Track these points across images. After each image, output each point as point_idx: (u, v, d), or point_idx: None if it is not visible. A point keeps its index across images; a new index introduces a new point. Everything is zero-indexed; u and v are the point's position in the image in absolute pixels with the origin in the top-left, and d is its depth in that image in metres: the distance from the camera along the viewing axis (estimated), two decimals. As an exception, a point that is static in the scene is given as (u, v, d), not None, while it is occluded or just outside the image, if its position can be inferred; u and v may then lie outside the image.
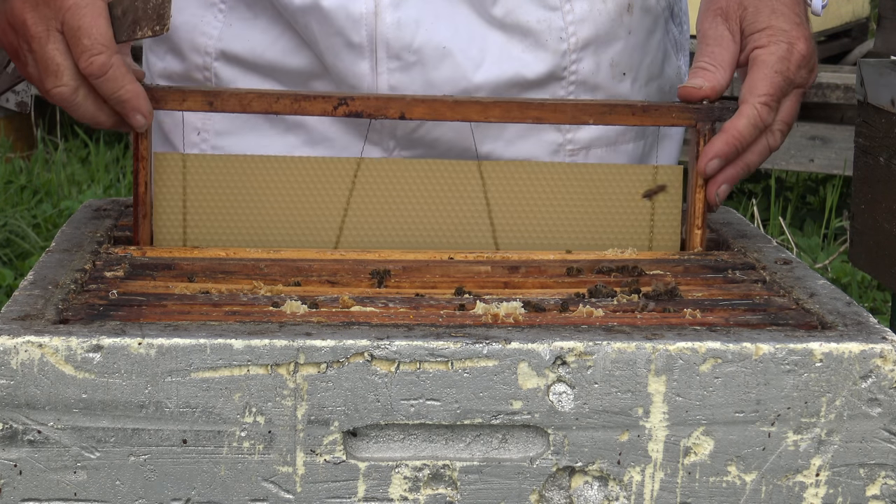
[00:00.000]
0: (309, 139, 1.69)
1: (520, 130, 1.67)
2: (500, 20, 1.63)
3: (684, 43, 1.82)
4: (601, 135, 1.69)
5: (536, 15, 1.64)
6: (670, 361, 1.17)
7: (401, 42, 1.61)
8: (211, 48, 1.70)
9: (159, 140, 1.76)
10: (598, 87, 1.68)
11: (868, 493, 1.21)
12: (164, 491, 1.18)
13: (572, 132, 1.68)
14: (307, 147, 1.68)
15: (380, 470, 1.18)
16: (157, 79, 1.75)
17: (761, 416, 1.19)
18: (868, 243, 2.05)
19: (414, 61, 1.62)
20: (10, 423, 1.16)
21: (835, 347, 1.18)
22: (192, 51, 1.71)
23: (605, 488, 1.19)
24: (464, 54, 1.62)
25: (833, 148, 4.51)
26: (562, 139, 1.68)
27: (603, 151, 1.71)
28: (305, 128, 1.69)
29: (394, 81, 1.62)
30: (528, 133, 1.67)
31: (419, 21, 1.61)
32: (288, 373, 1.16)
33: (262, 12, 1.67)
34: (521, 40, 1.64)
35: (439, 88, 1.62)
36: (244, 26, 1.69)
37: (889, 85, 1.99)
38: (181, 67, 1.72)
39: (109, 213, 1.57)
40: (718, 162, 1.49)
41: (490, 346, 1.17)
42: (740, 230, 1.55)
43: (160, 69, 1.74)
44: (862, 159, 2.06)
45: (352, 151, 1.67)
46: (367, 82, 1.62)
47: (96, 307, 1.25)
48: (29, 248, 4.24)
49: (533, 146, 1.68)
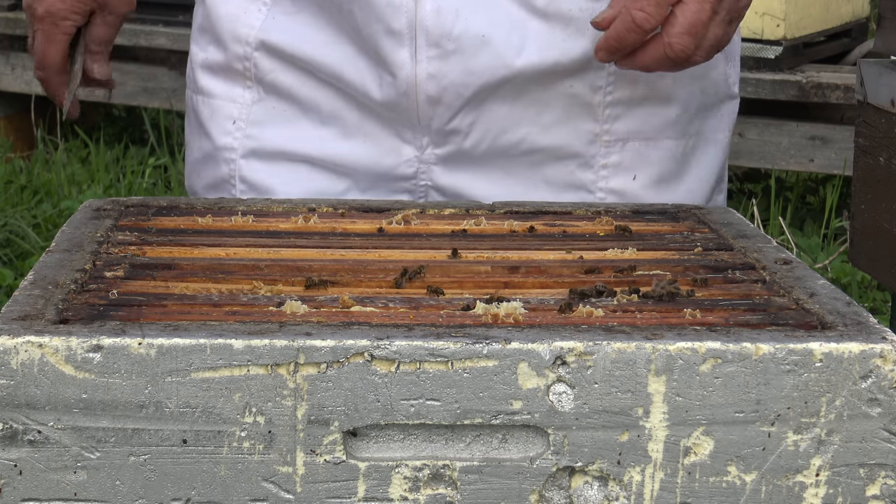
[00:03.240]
0: (344, 132, 1.72)
1: (557, 117, 1.69)
2: (541, 10, 1.66)
3: (735, 51, 1.80)
4: (639, 128, 1.71)
5: (579, 4, 1.66)
6: (670, 361, 1.17)
7: (440, 29, 1.64)
8: (252, 38, 1.73)
9: (199, 132, 1.80)
10: (637, 78, 1.69)
11: (868, 493, 1.21)
12: (164, 491, 1.18)
13: (609, 123, 1.70)
14: (341, 140, 1.72)
15: (380, 470, 1.18)
16: (198, 69, 1.79)
17: (761, 416, 1.19)
18: (868, 243, 2.05)
19: (453, 49, 1.65)
20: (10, 423, 1.16)
21: (835, 347, 1.18)
22: (234, 41, 1.75)
23: (605, 488, 1.19)
24: (503, 42, 1.65)
25: (833, 148, 4.51)
26: (598, 129, 1.70)
27: (640, 145, 1.72)
28: (341, 120, 1.72)
29: (433, 69, 1.65)
30: (566, 120, 1.69)
31: (458, 10, 1.64)
32: (288, 373, 1.16)
33: (306, 7, 1.71)
34: (563, 28, 1.66)
35: (479, 76, 1.65)
36: (287, 19, 1.73)
37: (889, 85, 1.99)
38: (222, 58, 1.76)
39: (109, 213, 1.57)
40: (604, 54, 1.57)
41: (490, 346, 1.17)
42: (740, 230, 1.56)
43: (202, 59, 1.78)
44: (862, 159, 2.06)
45: (387, 146, 1.70)
46: (406, 70, 1.66)
47: (96, 307, 1.25)
48: (29, 248, 4.24)
49: (569, 133, 1.70)
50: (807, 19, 4.53)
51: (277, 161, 1.76)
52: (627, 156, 1.72)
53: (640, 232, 1.56)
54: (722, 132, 1.80)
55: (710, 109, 1.78)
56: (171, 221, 1.55)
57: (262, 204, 1.62)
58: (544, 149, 1.71)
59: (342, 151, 1.74)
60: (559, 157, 1.72)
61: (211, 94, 1.78)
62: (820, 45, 4.76)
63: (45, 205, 4.58)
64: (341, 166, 1.74)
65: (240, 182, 1.77)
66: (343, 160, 1.74)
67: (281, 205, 1.62)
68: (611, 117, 1.69)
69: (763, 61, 4.47)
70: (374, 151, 1.73)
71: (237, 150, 1.76)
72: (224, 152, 1.77)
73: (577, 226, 1.58)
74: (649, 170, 1.74)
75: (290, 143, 1.74)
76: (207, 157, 1.79)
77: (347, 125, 1.72)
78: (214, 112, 1.77)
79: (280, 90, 1.74)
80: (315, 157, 1.74)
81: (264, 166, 1.76)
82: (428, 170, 1.73)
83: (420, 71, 1.65)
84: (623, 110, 1.71)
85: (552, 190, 1.73)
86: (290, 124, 1.74)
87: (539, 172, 1.73)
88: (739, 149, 4.59)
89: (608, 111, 1.70)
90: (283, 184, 1.75)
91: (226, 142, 1.77)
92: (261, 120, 1.75)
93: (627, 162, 1.73)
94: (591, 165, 1.72)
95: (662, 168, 1.74)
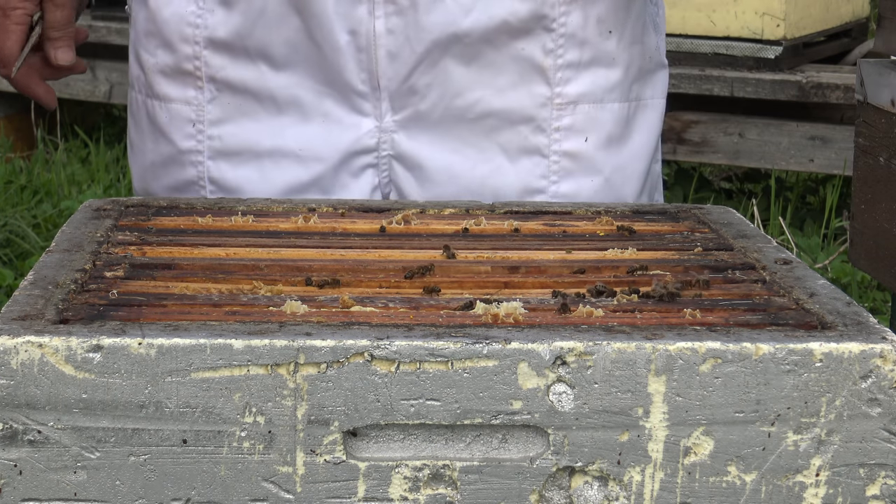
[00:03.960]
0: (302, 116, 1.74)
1: (511, 80, 1.73)
2: None
3: (661, 24, 1.87)
4: (589, 91, 1.75)
5: None
6: (670, 361, 1.17)
7: None
8: (199, 37, 1.73)
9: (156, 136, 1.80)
10: (585, 41, 1.74)
11: (868, 493, 1.21)
12: (164, 491, 1.18)
13: (560, 86, 1.74)
14: (301, 125, 1.73)
15: (380, 470, 1.18)
16: (151, 74, 1.79)
17: (761, 416, 1.19)
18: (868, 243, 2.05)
19: (408, 6, 1.69)
20: (10, 423, 1.16)
21: (835, 347, 1.18)
22: (182, 41, 1.75)
23: (605, 488, 1.19)
24: (455, 1, 1.69)
25: (833, 148, 4.51)
26: (550, 93, 1.74)
27: (590, 108, 1.76)
28: (297, 105, 1.74)
29: (391, 25, 1.69)
30: (519, 84, 1.73)
31: None
32: (288, 373, 1.16)
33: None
34: None
35: (430, 31, 1.70)
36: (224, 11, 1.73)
37: (889, 85, 1.99)
38: (172, 60, 1.77)
39: (109, 213, 1.57)
40: None
41: (490, 346, 1.17)
42: (740, 230, 1.56)
43: (152, 64, 1.79)
44: (862, 159, 2.06)
45: (346, 122, 1.72)
46: (365, 26, 1.70)
47: (96, 307, 1.25)
48: (29, 248, 4.24)
49: (523, 97, 1.74)
50: (807, 19, 4.53)
51: (243, 159, 1.77)
52: (579, 118, 1.76)
53: (640, 232, 1.56)
54: (658, 98, 1.85)
55: (646, 76, 1.83)
56: (171, 221, 1.56)
57: (262, 204, 1.62)
58: (498, 112, 1.74)
59: (303, 136, 1.75)
60: (513, 121, 1.75)
61: (167, 99, 1.78)
62: (820, 45, 4.76)
63: (45, 205, 4.58)
64: (305, 150, 1.75)
65: (209, 183, 1.78)
66: (306, 144, 1.75)
67: (281, 205, 1.62)
68: (562, 80, 1.74)
69: (763, 61, 4.47)
70: (335, 129, 1.74)
71: (203, 152, 1.77)
72: (189, 155, 1.78)
73: (577, 226, 1.58)
74: (599, 131, 1.77)
75: (252, 138, 1.76)
76: (169, 161, 1.80)
77: (305, 108, 1.74)
78: (173, 116, 1.78)
79: (233, 85, 1.75)
80: (278, 148, 1.76)
81: (231, 167, 1.77)
82: (389, 139, 1.75)
83: (378, 26, 1.69)
84: (573, 73, 1.75)
85: (508, 156, 1.76)
86: (247, 117, 1.76)
87: (493, 140, 1.76)
88: (739, 149, 4.59)
89: (560, 74, 1.74)
90: (251, 182, 1.77)
91: (189, 145, 1.78)
92: (219, 118, 1.76)
93: (579, 124, 1.76)
94: (544, 129, 1.75)
95: (610, 129, 1.78)
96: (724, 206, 1.67)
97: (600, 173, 1.78)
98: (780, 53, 4.45)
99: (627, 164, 1.81)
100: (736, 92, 4.47)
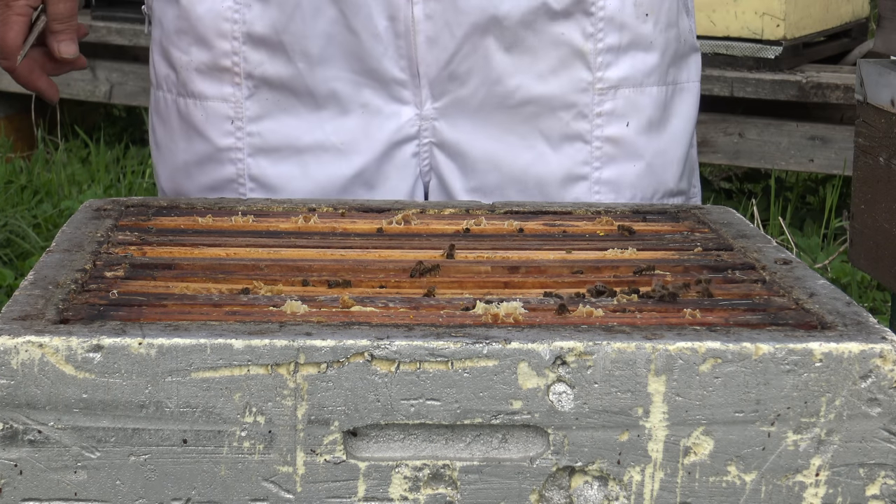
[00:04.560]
0: (341, 109, 1.74)
1: (551, 66, 1.73)
2: None
3: (691, 7, 1.87)
4: (629, 75, 1.75)
5: None
6: (670, 361, 1.17)
7: None
8: (237, 32, 1.73)
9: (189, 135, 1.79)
10: (624, 25, 1.74)
11: (868, 493, 1.21)
12: (165, 491, 1.18)
13: (601, 71, 1.73)
14: (341, 118, 1.73)
15: (380, 470, 1.19)
16: (184, 72, 1.77)
17: (761, 416, 1.19)
18: (868, 243, 2.05)
19: None
20: (11, 423, 1.16)
21: (834, 347, 1.18)
22: (219, 37, 1.73)
23: (605, 488, 1.19)
24: None
25: (833, 148, 4.51)
26: (591, 77, 1.74)
27: (630, 92, 1.76)
28: (336, 98, 1.74)
29: (429, 10, 1.69)
30: (560, 69, 1.72)
31: None
32: (288, 373, 1.16)
33: None
34: None
35: (468, 14, 1.69)
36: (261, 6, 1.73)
37: (889, 85, 1.99)
38: (208, 57, 1.75)
39: (109, 213, 1.57)
40: None
41: (490, 346, 1.17)
42: (740, 230, 1.56)
43: (185, 62, 1.77)
44: (862, 159, 2.06)
45: (386, 113, 1.72)
46: (404, 12, 1.69)
47: (96, 307, 1.25)
48: (29, 248, 4.24)
49: (564, 83, 1.73)
50: (807, 19, 4.53)
51: (284, 155, 1.76)
52: (620, 103, 1.76)
53: (641, 232, 1.56)
54: (693, 82, 1.86)
55: (681, 59, 1.83)
56: (171, 221, 1.56)
57: (262, 204, 1.62)
58: (538, 99, 1.74)
59: (343, 129, 1.74)
60: (554, 107, 1.75)
61: (203, 97, 1.77)
62: (820, 45, 4.76)
63: (46, 205, 4.58)
64: (346, 144, 1.75)
65: (249, 180, 1.77)
66: (346, 137, 1.74)
67: (281, 205, 1.62)
68: (603, 64, 1.74)
69: (763, 61, 4.47)
70: (375, 120, 1.74)
71: (243, 149, 1.76)
72: (228, 153, 1.77)
73: (577, 226, 1.58)
74: (640, 116, 1.78)
75: (293, 134, 1.75)
76: (205, 159, 1.79)
77: (343, 101, 1.74)
78: (210, 114, 1.76)
79: (271, 80, 1.74)
80: (319, 143, 1.75)
81: (272, 163, 1.76)
82: (430, 126, 1.75)
83: (417, 12, 1.69)
84: (613, 57, 1.75)
85: (550, 143, 1.76)
86: (286, 113, 1.75)
87: (535, 126, 1.75)
88: (739, 149, 4.59)
89: (600, 58, 1.74)
90: (293, 178, 1.76)
91: (228, 143, 1.77)
92: (258, 115, 1.75)
93: (620, 109, 1.76)
94: (586, 115, 1.75)
95: (650, 114, 1.79)
96: (724, 206, 1.67)
97: (642, 158, 1.78)
98: (780, 53, 4.45)
99: (668, 148, 1.81)
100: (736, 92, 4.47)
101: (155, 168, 1.88)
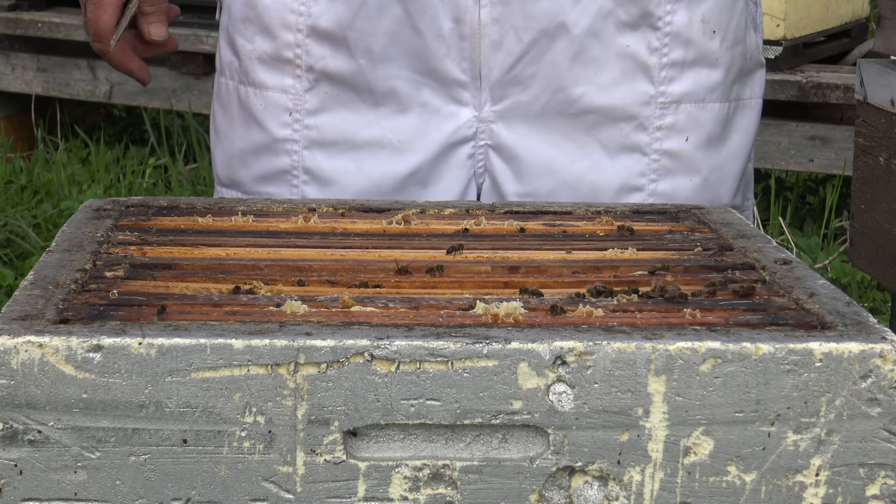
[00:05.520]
0: (399, 107, 1.74)
1: (614, 77, 1.73)
2: None
3: (759, 23, 1.87)
4: (691, 90, 1.76)
5: None
6: (670, 361, 1.17)
7: None
8: (302, 25, 1.74)
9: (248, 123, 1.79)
10: (690, 41, 1.74)
11: (868, 493, 1.21)
12: (165, 491, 1.18)
13: (664, 85, 1.74)
14: (398, 116, 1.74)
15: (380, 470, 1.19)
16: (247, 60, 1.79)
17: (761, 416, 1.19)
18: (868, 243, 2.05)
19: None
20: (11, 423, 1.16)
21: (834, 347, 1.18)
22: (283, 28, 1.75)
23: (604, 488, 1.19)
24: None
25: (833, 148, 4.51)
26: (654, 91, 1.74)
27: (692, 107, 1.76)
28: (395, 96, 1.74)
29: (496, 14, 1.70)
30: (622, 81, 1.73)
31: None
32: (288, 373, 1.16)
33: None
34: None
35: (538, 20, 1.70)
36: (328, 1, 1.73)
37: (889, 85, 1.99)
38: (271, 47, 1.77)
39: (109, 213, 1.57)
40: None
41: (490, 346, 1.17)
42: (740, 230, 1.56)
43: (248, 51, 1.79)
44: (862, 159, 2.06)
45: (444, 114, 1.73)
46: (470, 14, 1.70)
47: (96, 307, 1.25)
48: (29, 248, 4.24)
49: (626, 94, 1.74)
50: (807, 19, 4.53)
51: (340, 149, 1.77)
52: (681, 118, 1.77)
53: (640, 232, 1.56)
54: (755, 98, 1.86)
55: (746, 76, 1.83)
56: (171, 221, 1.56)
57: (262, 204, 1.62)
58: (600, 109, 1.75)
59: (401, 127, 1.75)
60: (615, 118, 1.75)
61: (263, 86, 1.78)
62: (820, 45, 4.76)
63: (46, 205, 4.58)
64: (403, 142, 1.75)
65: (303, 173, 1.78)
66: (403, 135, 1.75)
67: (281, 205, 1.62)
68: (666, 79, 1.75)
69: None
70: (433, 119, 1.75)
71: (299, 141, 1.77)
72: (284, 144, 1.78)
73: (577, 226, 1.58)
74: (700, 131, 1.78)
75: (350, 129, 1.76)
76: (261, 148, 1.80)
77: (402, 99, 1.75)
78: (269, 104, 1.78)
79: (331, 75, 1.75)
80: (376, 139, 1.76)
81: (327, 157, 1.77)
82: (487, 129, 1.75)
83: (484, 15, 1.70)
84: (677, 72, 1.76)
85: (607, 152, 1.76)
86: (345, 107, 1.76)
87: (594, 136, 1.76)
88: (739, 149, 4.59)
89: (664, 73, 1.75)
90: (348, 173, 1.77)
91: (285, 134, 1.78)
92: (316, 108, 1.77)
93: (681, 124, 1.77)
94: (646, 127, 1.76)
95: (710, 129, 1.79)
96: (724, 206, 1.67)
97: (699, 173, 1.78)
98: (780, 53, 4.45)
99: (725, 164, 1.81)
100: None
101: (213, 154, 1.90)
